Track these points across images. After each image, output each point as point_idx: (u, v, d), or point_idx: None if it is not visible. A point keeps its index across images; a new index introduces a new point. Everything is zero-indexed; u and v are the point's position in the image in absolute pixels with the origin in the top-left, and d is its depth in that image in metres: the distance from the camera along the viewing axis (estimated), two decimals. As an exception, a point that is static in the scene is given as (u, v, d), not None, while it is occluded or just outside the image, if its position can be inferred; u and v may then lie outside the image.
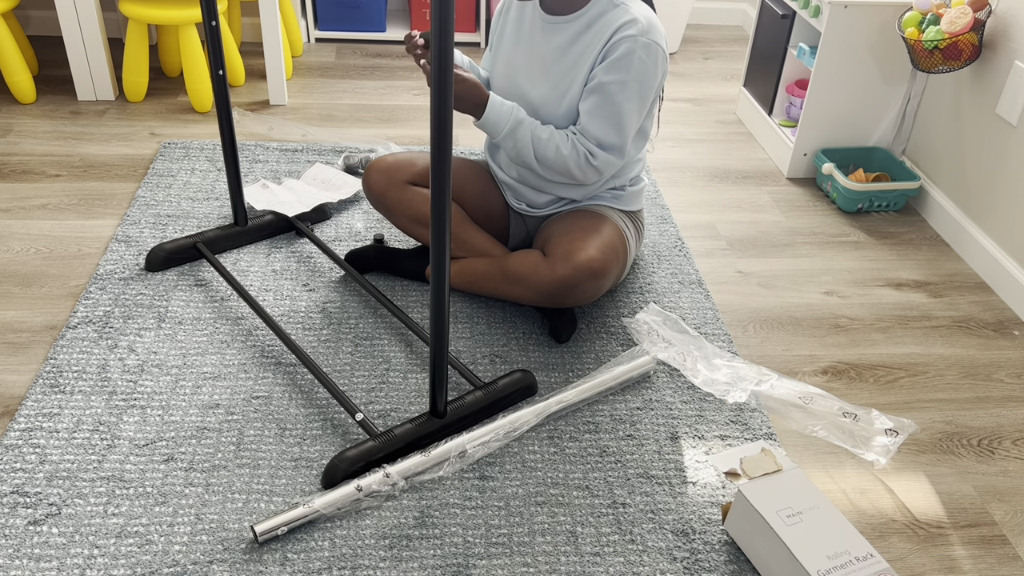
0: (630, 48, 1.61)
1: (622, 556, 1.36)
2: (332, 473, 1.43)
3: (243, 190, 2.05)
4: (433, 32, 1.12)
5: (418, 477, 1.46)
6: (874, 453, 1.57)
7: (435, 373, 1.46)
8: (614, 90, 1.63)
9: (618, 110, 1.65)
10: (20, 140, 2.47)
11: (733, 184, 2.48)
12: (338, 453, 1.45)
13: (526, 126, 1.67)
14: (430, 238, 1.31)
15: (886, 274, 2.11)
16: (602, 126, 1.65)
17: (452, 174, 1.82)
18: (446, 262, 1.32)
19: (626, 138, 1.68)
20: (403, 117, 2.76)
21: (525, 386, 1.63)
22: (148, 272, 1.92)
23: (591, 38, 1.66)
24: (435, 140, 1.20)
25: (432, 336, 1.41)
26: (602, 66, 1.64)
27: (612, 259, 1.73)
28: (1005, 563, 1.40)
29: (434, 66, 1.14)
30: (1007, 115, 2.03)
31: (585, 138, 1.67)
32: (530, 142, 1.67)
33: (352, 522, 1.38)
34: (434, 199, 1.25)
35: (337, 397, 1.54)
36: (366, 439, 1.47)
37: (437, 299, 1.36)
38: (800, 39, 2.51)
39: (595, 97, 1.65)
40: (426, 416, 1.52)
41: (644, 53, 1.62)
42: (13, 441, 1.48)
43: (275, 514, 1.35)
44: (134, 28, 2.58)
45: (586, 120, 1.66)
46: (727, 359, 1.76)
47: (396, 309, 1.78)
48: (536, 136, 1.67)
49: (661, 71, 1.67)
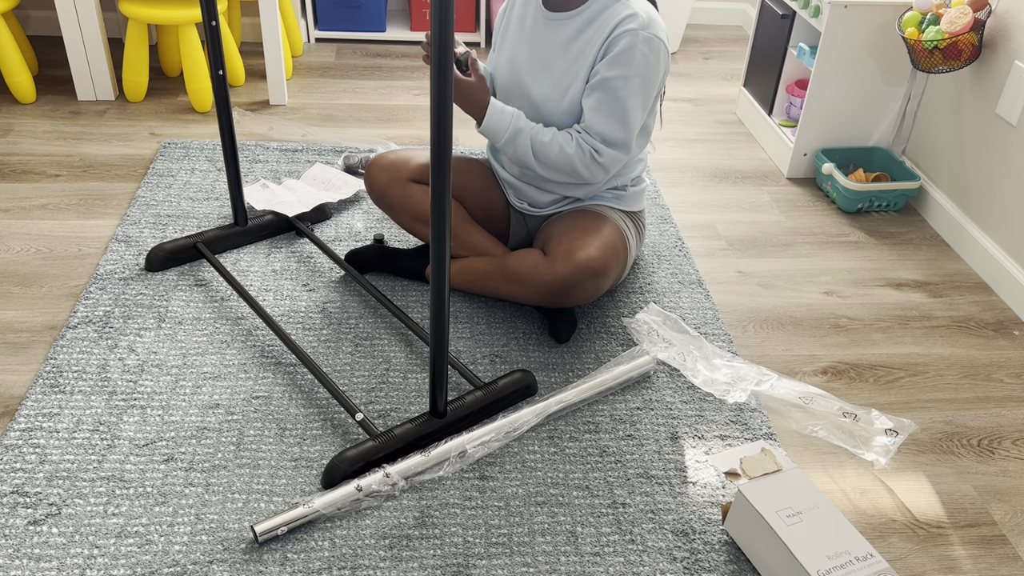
0: (631, 42, 1.61)
1: (622, 556, 1.36)
2: (332, 473, 1.43)
3: (243, 190, 2.05)
4: (433, 32, 1.12)
5: (418, 477, 1.46)
6: (874, 453, 1.57)
7: (435, 373, 1.46)
8: (618, 85, 1.63)
9: (622, 105, 1.64)
10: (20, 140, 2.47)
11: (733, 184, 2.48)
12: (338, 453, 1.45)
13: (526, 134, 1.67)
14: (430, 237, 1.31)
15: (886, 274, 2.11)
16: (607, 122, 1.65)
17: (453, 173, 1.83)
18: (446, 261, 1.32)
19: (631, 133, 1.68)
20: (403, 117, 2.76)
21: (525, 386, 1.63)
22: (148, 272, 1.92)
23: (592, 34, 1.66)
24: (435, 140, 1.20)
25: (432, 336, 1.41)
26: (604, 61, 1.64)
27: (612, 259, 1.72)
28: (1005, 563, 1.40)
29: (433, 66, 1.14)
30: (1007, 115, 2.03)
31: (590, 135, 1.67)
32: (530, 148, 1.67)
33: (352, 522, 1.38)
34: (434, 198, 1.25)
35: (337, 397, 1.54)
36: (366, 439, 1.47)
37: (437, 299, 1.36)
38: (800, 39, 2.51)
39: (599, 93, 1.65)
40: (426, 416, 1.52)
41: (646, 47, 1.62)
42: (13, 441, 1.48)
43: (275, 514, 1.35)
44: (134, 28, 2.58)
45: (590, 116, 1.66)
46: (727, 359, 1.76)
47: (396, 309, 1.78)
48: (538, 141, 1.67)
49: (663, 65, 1.67)
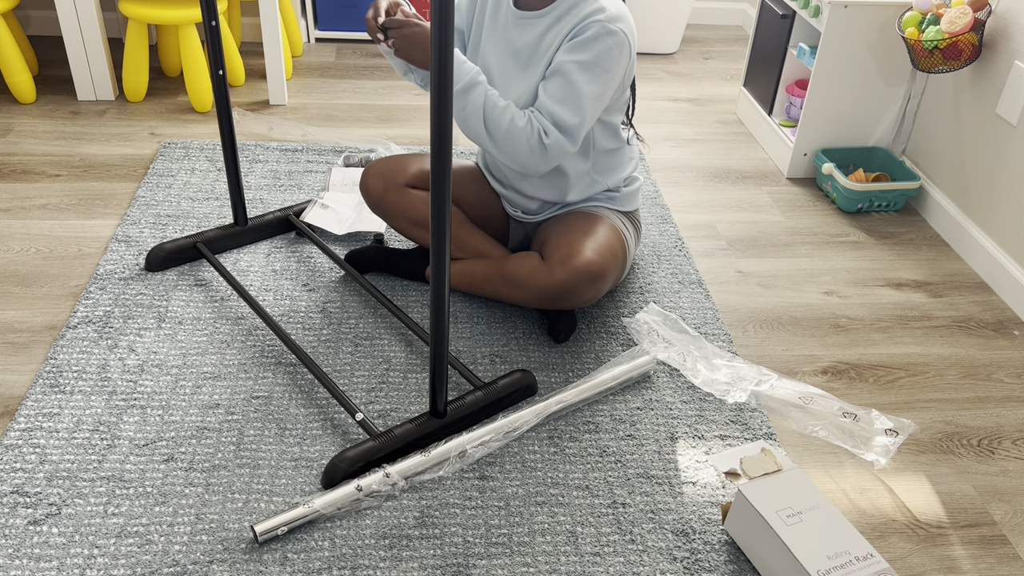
0: (596, 32, 1.58)
1: (622, 556, 1.36)
2: (332, 473, 1.43)
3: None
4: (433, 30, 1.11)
5: (418, 477, 1.46)
6: (874, 453, 1.57)
7: (435, 373, 1.46)
8: (572, 69, 1.59)
9: (577, 90, 1.60)
10: (20, 140, 2.47)
11: (733, 184, 2.48)
12: (338, 453, 1.45)
13: (482, 89, 1.59)
14: (430, 239, 1.30)
15: (886, 274, 2.11)
16: (559, 105, 1.60)
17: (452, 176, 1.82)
18: (446, 263, 1.32)
19: (583, 122, 1.62)
20: (403, 117, 2.76)
21: (525, 386, 1.63)
22: (148, 272, 1.92)
23: (559, 29, 1.63)
24: (435, 141, 1.20)
25: (432, 336, 1.41)
26: (565, 46, 1.61)
27: (611, 261, 1.72)
28: (1005, 563, 1.40)
29: (434, 66, 1.14)
30: (1007, 115, 2.03)
31: (541, 114, 1.61)
32: (482, 108, 1.59)
33: (352, 522, 1.38)
34: (434, 200, 1.25)
35: (337, 397, 1.54)
36: (366, 439, 1.47)
37: (437, 299, 1.36)
38: (800, 39, 2.51)
39: (556, 77, 1.61)
40: (426, 416, 1.52)
41: (610, 39, 1.58)
42: (13, 441, 1.48)
43: (275, 514, 1.35)
44: (134, 28, 2.58)
45: (544, 97, 1.61)
46: (727, 359, 1.76)
47: (396, 309, 1.77)
48: (491, 104, 1.59)
49: (626, 61, 1.63)
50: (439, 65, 1.14)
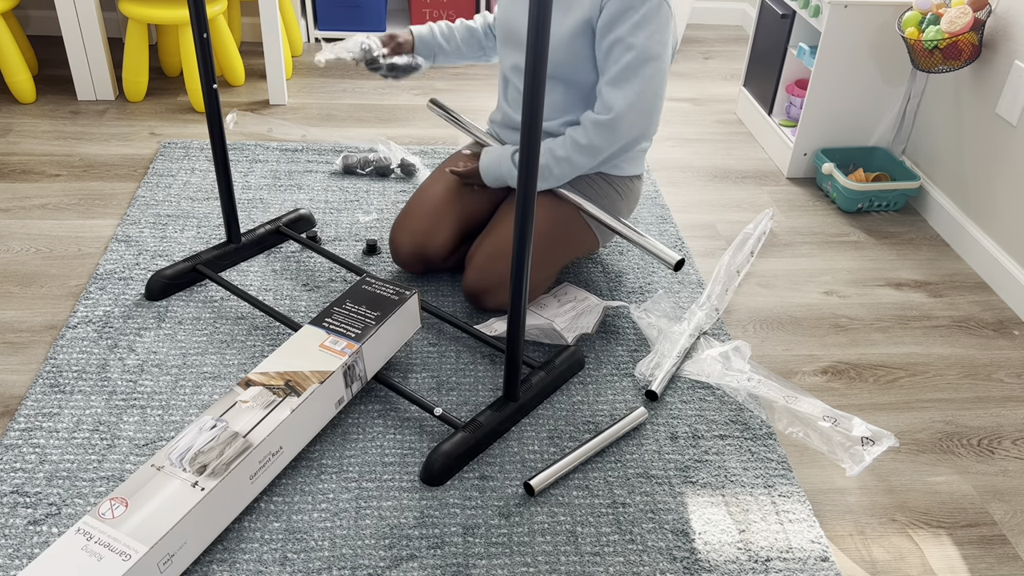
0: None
1: (622, 556, 1.36)
2: (430, 468, 1.45)
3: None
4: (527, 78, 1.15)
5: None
6: (849, 460, 1.56)
7: (511, 359, 1.50)
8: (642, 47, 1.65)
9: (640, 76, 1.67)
10: (20, 140, 2.47)
11: (733, 184, 2.48)
12: (433, 448, 1.47)
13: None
14: (514, 226, 1.34)
15: (886, 274, 2.11)
16: (622, 91, 1.67)
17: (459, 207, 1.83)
18: (526, 260, 1.36)
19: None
20: (403, 117, 2.77)
21: (576, 361, 1.71)
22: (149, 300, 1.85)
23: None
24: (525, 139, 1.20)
25: (509, 323, 1.45)
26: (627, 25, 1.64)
27: (504, 273, 1.76)
28: (1005, 563, 1.40)
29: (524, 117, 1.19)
30: (1007, 115, 2.03)
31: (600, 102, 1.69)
32: (542, 170, 1.71)
33: (352, 522, 1.38)
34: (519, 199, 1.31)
35: (405, 395, 1.56)
36: (451, 432, 1.51)
37: (517, 286, 1.39)
38: (800, 39, 2.51)
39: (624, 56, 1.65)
40: (501, 400, 1.57)
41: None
42: (13, 441, 1.48)
43: (545, 468, 1.46)
44: (134, 28, 2.58)
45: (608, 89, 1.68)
46: (723, 346, 1.76)
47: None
48: (543, 163, 1.71)
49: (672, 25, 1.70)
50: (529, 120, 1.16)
